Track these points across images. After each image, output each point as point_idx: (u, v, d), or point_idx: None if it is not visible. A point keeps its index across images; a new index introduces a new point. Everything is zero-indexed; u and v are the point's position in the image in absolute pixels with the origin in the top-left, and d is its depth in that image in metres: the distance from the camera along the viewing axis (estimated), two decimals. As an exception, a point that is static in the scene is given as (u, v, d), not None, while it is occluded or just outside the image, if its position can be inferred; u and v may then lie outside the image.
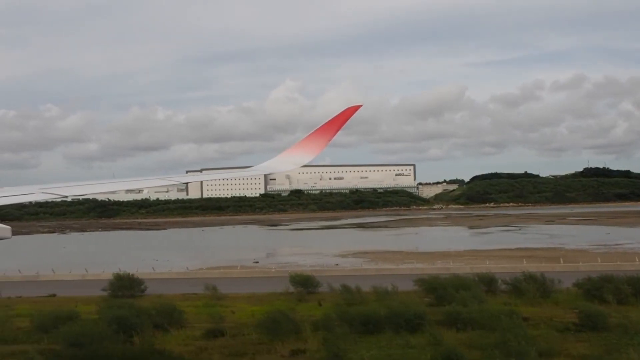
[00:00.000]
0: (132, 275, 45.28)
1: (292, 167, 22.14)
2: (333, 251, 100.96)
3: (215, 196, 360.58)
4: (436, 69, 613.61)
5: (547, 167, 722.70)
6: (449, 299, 33.89)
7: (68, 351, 25.47)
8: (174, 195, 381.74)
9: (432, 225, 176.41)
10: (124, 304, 33.57)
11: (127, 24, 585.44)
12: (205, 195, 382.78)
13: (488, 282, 40.23)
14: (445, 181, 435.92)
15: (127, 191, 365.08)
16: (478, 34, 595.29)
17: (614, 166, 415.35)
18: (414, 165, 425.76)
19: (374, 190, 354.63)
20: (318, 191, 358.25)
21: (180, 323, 31.63)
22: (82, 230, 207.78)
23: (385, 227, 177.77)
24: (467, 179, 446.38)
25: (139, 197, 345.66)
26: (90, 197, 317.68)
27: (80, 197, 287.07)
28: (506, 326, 24.74)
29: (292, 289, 43.06)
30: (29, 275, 63.90)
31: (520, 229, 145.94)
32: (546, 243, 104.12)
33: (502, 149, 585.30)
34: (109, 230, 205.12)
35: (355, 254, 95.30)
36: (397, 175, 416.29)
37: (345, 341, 24.96)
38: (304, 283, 42.49)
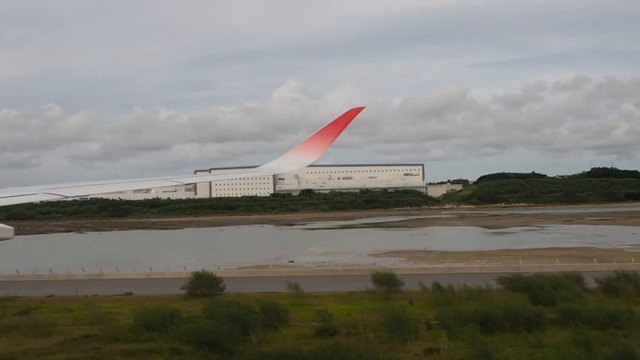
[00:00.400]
0: (211, 273, 45.29)
1: (296, 167, 22.30)
2: (364, 250, 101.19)
3: (224, 196, 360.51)
4: (439, 70, 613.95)
5: (548, 167, 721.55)
6: (546, 298, 33.91)
7: (198, 350, 25.50)
8: (181, 194, 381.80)
9: (450, 225, 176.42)
10: (232, 302, 33.58)
11: (130, 25, 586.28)
12: (214, 195, 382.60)
13: (575, 281, 40.01)
14: (449, 181, 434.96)
15: (135, 191, 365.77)
16: (480, 35, 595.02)
17: (616, 167, 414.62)
18: (422, 165, 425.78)
19: (385, 190, 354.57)
20: (328, 191, 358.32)
21: (286, 321, 31.73)
22: (98, 230, 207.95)
23: (404, 226, 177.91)
24: (470, 179, 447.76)
25: (148, 196, 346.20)
26: (97, 197, 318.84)
27: (86, 197, 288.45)
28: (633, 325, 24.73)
29: (362, 287, 43.09)
30: (93, 273, 64.15)
31: (542, 229, 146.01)
32: (576, 243, 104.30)
33: (503, 149, 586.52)
34: (125, 230, 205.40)
35: (388, 254, 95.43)
36: (405, 175, 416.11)
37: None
38: (388, 281, 42.58)
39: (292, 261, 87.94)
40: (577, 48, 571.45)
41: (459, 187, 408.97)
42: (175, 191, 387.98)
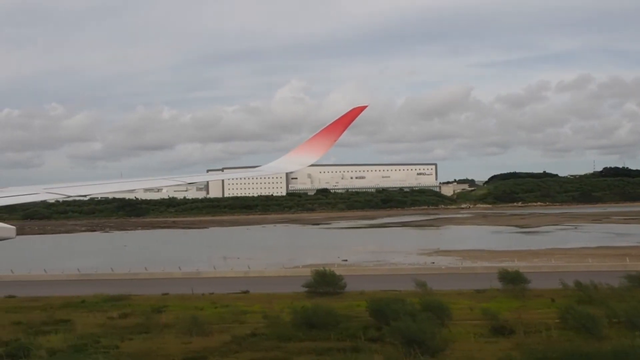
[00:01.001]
0: (332, 272, 45.12)
1: (298, 167, 21.89)
2: (410, 249, 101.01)
3: (238, 195, 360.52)
4: (442, 70, 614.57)
5: (551, 167, 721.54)
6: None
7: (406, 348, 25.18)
8: (192, 194, 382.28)
9: (478, 225, 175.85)
10: (395, 300, 33.29)
11: (133, 24, 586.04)
12: (226, 194, 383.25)
13: None
14: (455, 181, 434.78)
15: (146, 190, 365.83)
16: (484, 35, 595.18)
17: (627, 166, 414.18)
18: (435, 165, 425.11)
19: (400, 189, 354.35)
20: (344, 190, 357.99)
21: (450, 319, 31.55)
22: (122, 229, 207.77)
23: (431, 225, 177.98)
24: (476, 179, 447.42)
25: (162, 195, 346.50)
26: (110, 196, 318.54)
27: (94, 197, 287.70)
28: None
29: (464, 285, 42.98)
30: (190, 272, 64.22)
31: (576, 228, 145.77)
32: (623, 242, 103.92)
33: (506, 149, 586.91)
34: (149, 229, 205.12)
35: (438, 253, 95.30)
36: (418, 174, 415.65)
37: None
38: (514, 279, 42.37)
39: (346, 260, 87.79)
40: (581, 48, 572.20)
41: (464, 186, 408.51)
42: (186, 190, 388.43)
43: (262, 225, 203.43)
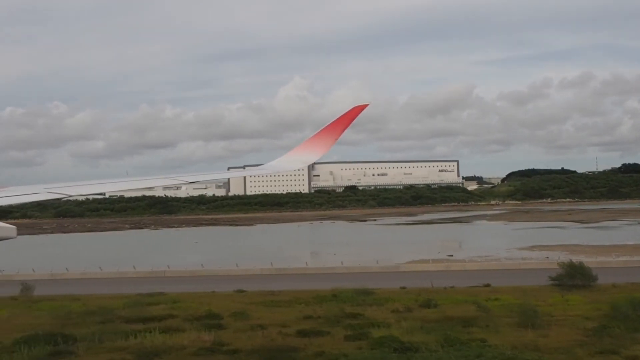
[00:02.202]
0: (583, 264, 45.15)
1: (300, 165, 22.35)
2: (501, 245, 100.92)
3: (261, 192, 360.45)
4: (444, 67, 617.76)
5: (555, 163, 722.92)
6: None
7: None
8: (212, 191, 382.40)
9: (530, 221, 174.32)
10: None
11: (136, 23, 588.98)
12: (248, 192, 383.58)
13: None
14: (464, 178, 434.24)
15: (165, 188, 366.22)
16: (486, 32, 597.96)
17: (618, 164, 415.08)
18: (457, 162, 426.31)
19: (428, 186, 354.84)
20: (370, 187, 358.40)
21: None
22: (166, 226, 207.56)
23: (483, 221, 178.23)
24: (484, 176, 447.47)
25: (179, 194, 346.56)
26: (140, 193, 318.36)
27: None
28: None
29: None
30: (388, 265, 64.09)
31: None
32: None
33: (508, 146, 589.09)
34: (194, 226, 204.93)
35: (537, 248, 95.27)
36: (440, 171, 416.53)
37: None
38: None
39: (452, 255, 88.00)
40: (583, 45, 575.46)
41: (471, 183, 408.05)
42: (205, 188, 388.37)
43: (310, 222, 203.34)
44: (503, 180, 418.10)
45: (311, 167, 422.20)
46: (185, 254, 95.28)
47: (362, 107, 22.73)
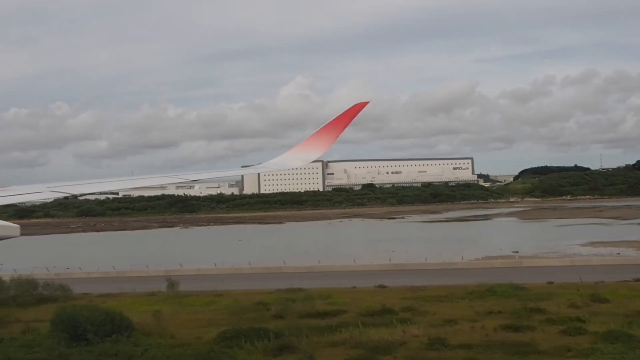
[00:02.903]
0: None
1: (301, 163, 22.22)
2: (558, 242, 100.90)
3: (274, 191, 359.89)
4: (446, 66, 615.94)
5: (558, 160, 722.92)
6: None
7: None
8: (225, 190, 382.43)
9: (561, 218, 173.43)
10: None
11: (138, 23, 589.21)
12: (262, 190, 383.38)
13: None
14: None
15: (178, 187, 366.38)
16: (489, 30, 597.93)
17: (622, 160, 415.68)
18: (471, 159, 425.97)
19: (446, 184, 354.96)
20: (386, 185, 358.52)
21: None
22: (195, 225, 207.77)
23: (515, 218, 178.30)
24: (491, 174, 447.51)
25: (192, 192, 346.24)
26: (159, 192, 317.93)
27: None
28: None
29: None
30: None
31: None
32: None
33: (511, 144, 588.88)
34: (221, 225, 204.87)
35: (593, 244, 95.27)
36: (454, 169, 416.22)
37: None
38: None
39: (517, 252, 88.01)
40: (586, 42, 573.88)
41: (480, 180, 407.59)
42: (218, 187, 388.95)
43: (340, 220, 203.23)
44: (515, 177, 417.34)
45: (325, 166, 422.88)
46: (247, 252, 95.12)
47: (363, 105, 22.74)
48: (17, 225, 12.14)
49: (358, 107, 22.53)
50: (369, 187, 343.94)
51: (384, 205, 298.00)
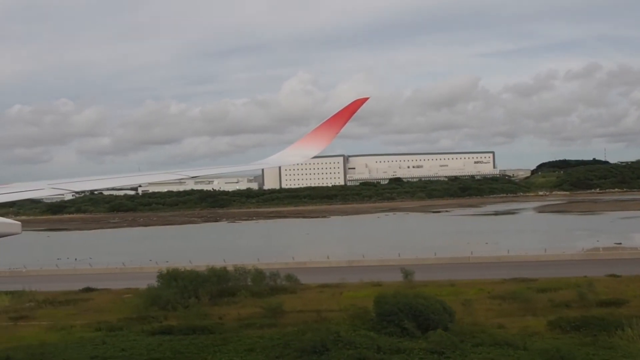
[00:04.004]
0: None
1: (302, 159, 22.33)
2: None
3: (295, 186, 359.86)
4: (449, 60, 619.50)
5: (560, 154, 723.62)
6: None
7: None
8: (244, 185, 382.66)
9: (614, 210, 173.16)
10: None
11: (140, 19, 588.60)
12: (283, 186, 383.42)
13: None
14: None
15: (196, 182, 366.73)
16: (491, 24, 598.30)
17: (625, 155, 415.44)
18: (493, 153, 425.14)
19: (472, 177, 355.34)
20: (408, 179, 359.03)
21: None
22: (240, 220, 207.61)
23: (562, 211, 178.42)
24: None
25: (208, 187, 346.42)
26: (188, 188, 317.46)
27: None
28: None
29: None
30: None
31: None
32: None
33: (513, 138, 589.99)
34: (265, 219, 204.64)
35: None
36: (476, 162, 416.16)
37: None
38: None
39: (620, 243, 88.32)
40: (589, 36, 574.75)
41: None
42: (237, 182, 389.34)
43: (386, 214, 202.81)
44: (533, 171, 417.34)
45: (346, 160, 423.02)
46: (340, 244, 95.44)
47: (362, 101, 22.82)
48: (19, 222, 12.23)
49: (358, 103, 22.64)
50: (396, 181, 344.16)
51: (413, 199, 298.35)
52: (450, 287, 44.16)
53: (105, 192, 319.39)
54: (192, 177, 19.34)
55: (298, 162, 23.13)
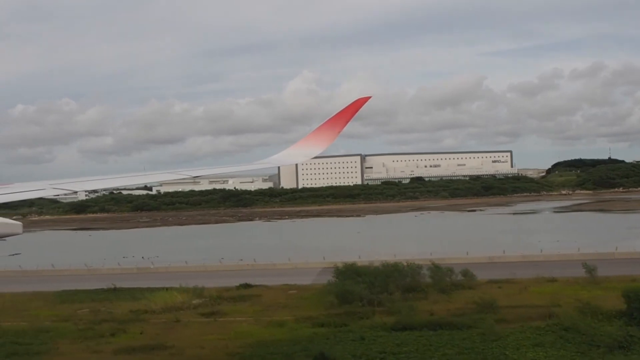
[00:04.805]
0: None
1: (304, 159, 22.26)
2: None
3: (311, 186, 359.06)
4: (453, 60, 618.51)
5: (566, 154, 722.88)
6: None
7: None
8: (258, 185, 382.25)
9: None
10: None
11: (144, 18, 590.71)
12: (300, 185, 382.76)
13: None
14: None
15: (211, 182, 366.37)
16: (495, 23, 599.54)
17: (629, 153, 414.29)
18: (510, 152, 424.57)
19: (493, 176, 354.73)
20: (438, 178, 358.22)
21: None
22: (273, 219, 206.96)
23: (601, 210, 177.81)
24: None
25: (222, 186, 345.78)
26: (205, 188, 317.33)
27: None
28: None
29: None
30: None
31: None
32: None
33: (516, 137, 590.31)
34: (302, 218, 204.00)
35: None
36: (493, 161, 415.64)
37: None
38: None
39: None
40: (594, 35, 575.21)
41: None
42: (252, 182, 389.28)
43: (420, 212, 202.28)
44: (548, 171, 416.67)
45: (363, 159, 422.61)
46: (422, 242, 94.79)
47: (364, 100, 22.65)
48: (20, 223, 12.27)
49: (360, 102, 22.51)
50: (417, 180, 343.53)
51: (437, 198, 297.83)
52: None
53: (124, 192, 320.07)
54: (194, 176, 19.15)
55: (300, 162, 23.30)
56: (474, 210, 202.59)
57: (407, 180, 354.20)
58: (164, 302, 46.64)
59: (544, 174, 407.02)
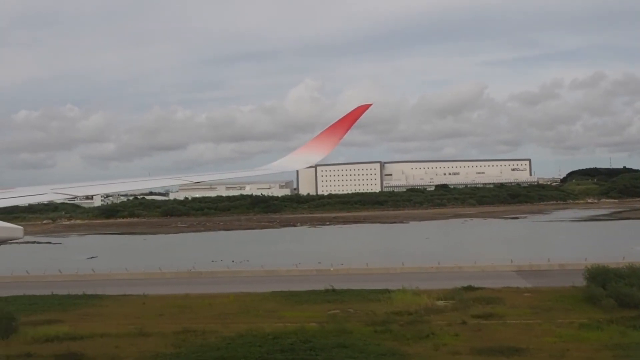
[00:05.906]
0: None
1: (304, 165, 22.35)
2: None
3: (334, 192, 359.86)
4: (454, 69, 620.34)
5: (568, 164, 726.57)
6: None
7: None
8: (276, 191, 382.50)
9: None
10: None
11: (147, 25, 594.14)
12: (319, 191, 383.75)
13: None
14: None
15: (228, 188, 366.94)
16: (496, 33, 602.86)
17: (628, 163, 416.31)
18: (529, 160, 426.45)
19: (518, 184, 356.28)
20: (463, 186, 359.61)
21: None
22: (317, 225, 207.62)
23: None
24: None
25: (239, 192, 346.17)
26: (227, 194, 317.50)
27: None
28: None
29: None
30: None
31: None
32: None
33: (517, 146, 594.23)
34: (343, 224, 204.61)
35: None
36: (512, 170, 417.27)
37: None
38: None
39: None
40: (594, 45, 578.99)
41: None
42: (269, 188, 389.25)
43: (466, 220, 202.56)
44: (563, 179, 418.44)
45: (382, 167, 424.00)
46: (512, 248, 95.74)
47: (365, 107, 22.88)
48: (21, 227, 12.29)
49: (361, 110, 22.67)
50: (442, 187, 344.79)
51: (464, 205, 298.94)
52: None
53: (148, 197, 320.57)
54: (196, 182, 19.30)
55: (301, 168, 23.06)
56: (517, 218, 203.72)
57: (432, 188, 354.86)
58: (405, 304, 46.48)
59: (558, 182, 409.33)
